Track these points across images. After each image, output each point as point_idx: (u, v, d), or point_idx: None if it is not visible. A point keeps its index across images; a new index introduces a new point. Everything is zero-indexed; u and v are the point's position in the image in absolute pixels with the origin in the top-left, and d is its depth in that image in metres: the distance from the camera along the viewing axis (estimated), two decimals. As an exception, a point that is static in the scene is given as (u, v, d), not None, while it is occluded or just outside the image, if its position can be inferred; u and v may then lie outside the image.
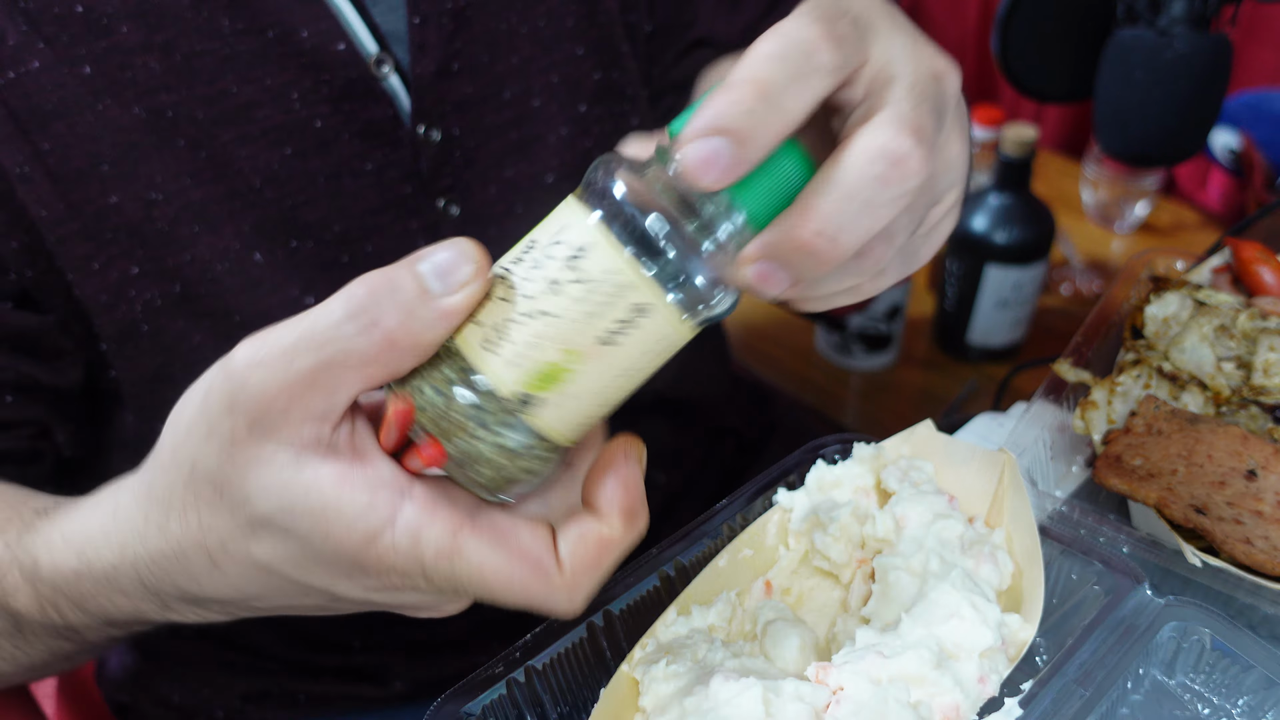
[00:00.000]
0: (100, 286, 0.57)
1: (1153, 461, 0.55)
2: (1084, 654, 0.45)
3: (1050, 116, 1.53)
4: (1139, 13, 0.74)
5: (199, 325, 0.60)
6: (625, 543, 0.37)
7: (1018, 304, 1.10)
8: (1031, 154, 1.02)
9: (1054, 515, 0.56)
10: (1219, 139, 1.24)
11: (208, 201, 0.57)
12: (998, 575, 0.49)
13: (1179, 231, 1.32)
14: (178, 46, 0.55)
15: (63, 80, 0.53)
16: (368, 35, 0.59)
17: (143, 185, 0.56)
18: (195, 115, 0.56)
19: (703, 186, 0.33)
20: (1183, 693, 0.48)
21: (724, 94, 0.32)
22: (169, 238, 0.57)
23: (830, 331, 1.18)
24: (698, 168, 0.32)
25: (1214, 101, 0.76)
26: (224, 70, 0.56)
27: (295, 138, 0.58)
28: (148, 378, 0.61)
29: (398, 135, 0.61)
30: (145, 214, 0.56)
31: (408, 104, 0.61)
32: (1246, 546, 0.51)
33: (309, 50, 0.57)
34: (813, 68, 0.33)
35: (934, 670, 0.43)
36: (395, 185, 0.62)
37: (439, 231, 0.65)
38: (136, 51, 0.54)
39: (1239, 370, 0.62)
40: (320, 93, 0.58)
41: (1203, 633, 0.47)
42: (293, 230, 0.60)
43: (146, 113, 0.55)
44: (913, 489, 0.52)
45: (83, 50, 0.54)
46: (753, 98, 0.32)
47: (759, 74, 0.32)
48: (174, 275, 0.58)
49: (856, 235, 0.34)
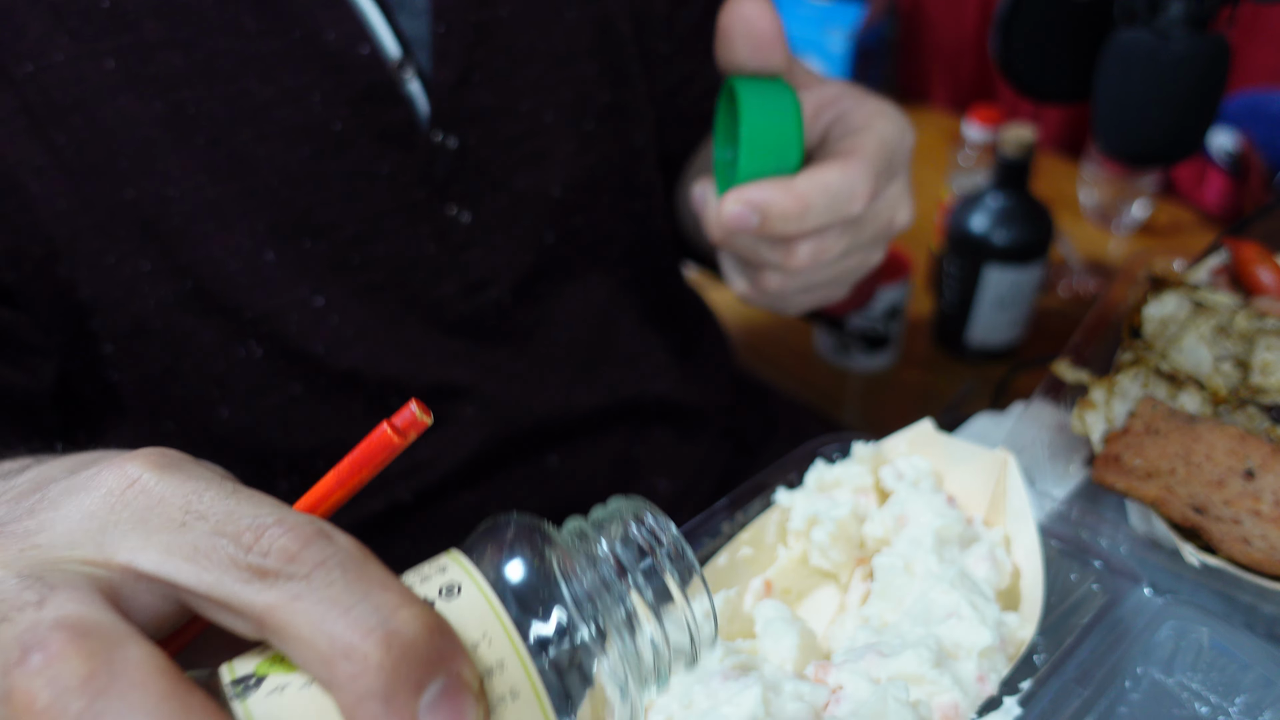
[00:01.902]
0: (113, 282, 0.57)
1: (1151, 461, 0.56)
2: (1083, 653, 0.45)
3: (1049, 117, 1.53)
4: (1137, 13, 0.74)
5: (208, 323, 0.60)
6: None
7: (1016, 304, 1.10)
8: (1030, 154, 1.02)
9: (1052, 515, 0.56)
10: (1217, 139, 1.24)
11: (223, 199, 0.57)
12: (996, 574, 0.49)
13: (1177, 232, 1.32)
14: (201, 44, 0.55)
15: (84, 74, 0.53)
16: (391, 40, 0.59)
17: (159, 182, 0.56)
18: (215, 113, 0.56)
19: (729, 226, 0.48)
20: (1181, 692, 0.48)
21: (780, 191, 0.48)
22: (183, 235, 0.57)
23: (829, 332, 1.18)
24: (731, 220, 0.48)
25: (1212, 102, 0.76)
26: (246, 70, 0.56)
27: (313, 139, 0.59)
28: (156, 376, 0.60)
29: (414, 140, 0.62)
30: (160, 210, 0.56)
31: (426, 110, 0.62)
32: (1244, 546, 0.51)
33: (333, 52, 0.57)
34: (842, 215, 0.49)
35: (933, 669, 0.43)
36: (409, 190, 0.63)
37: (448, 237, 0.65)
38: (160, 47, 0.54)
39: (1237, 370, 0.62)
40: (341, 95, 0.58)
41: (1201, 632, 0.47)
42: (306, 230, 0.60)
43: (167, 109, 0.55)
44: (912, 488, 0.52)
45: (106, 44, 0.53)
46: (793, 208, 0.48)
47: (807, 196, 0.48)
48: (186, 272, 0.58)
49: (813, 219, 0.48)
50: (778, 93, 0.48)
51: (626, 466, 0.80)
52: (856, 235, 0.52)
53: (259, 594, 0.24)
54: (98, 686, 0.22)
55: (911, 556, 0.49)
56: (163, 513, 0.26)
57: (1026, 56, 0.85)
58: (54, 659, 0.23)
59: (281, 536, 0.25)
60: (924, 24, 1.63)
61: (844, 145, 0.50)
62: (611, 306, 0.76)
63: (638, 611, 0.29)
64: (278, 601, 0.24)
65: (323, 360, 0.63)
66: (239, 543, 0.25)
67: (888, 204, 0.53)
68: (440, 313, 0.67)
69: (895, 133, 0.52)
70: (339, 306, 0.63)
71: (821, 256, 0.51)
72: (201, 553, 0.25)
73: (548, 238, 0.70)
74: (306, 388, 0.64)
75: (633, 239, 0.74)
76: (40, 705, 0.22)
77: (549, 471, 0.76)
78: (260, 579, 0.24)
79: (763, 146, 0.47)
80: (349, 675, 0.23)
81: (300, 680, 0.25)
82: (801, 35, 1.53)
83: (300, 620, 0.24)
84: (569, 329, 0.74)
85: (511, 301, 0.70)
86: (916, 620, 0.46)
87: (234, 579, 0.25)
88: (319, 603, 0.24)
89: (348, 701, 0.23)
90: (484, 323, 0.69)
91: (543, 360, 0.73)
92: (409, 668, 0.23)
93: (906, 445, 0.56)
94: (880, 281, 1.11)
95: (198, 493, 0.27)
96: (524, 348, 0.72)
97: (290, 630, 0.24)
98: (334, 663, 0.23)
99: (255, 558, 0.25)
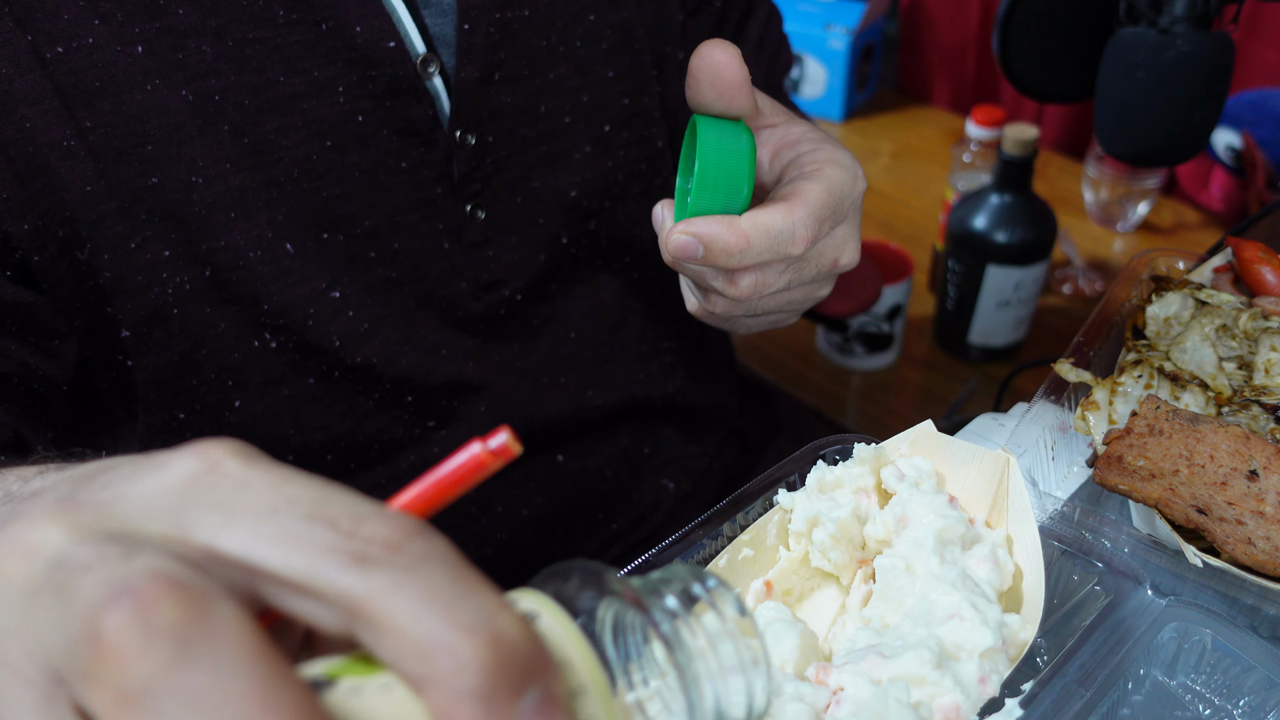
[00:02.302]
0: (135, 268, 0.57)
1: (1154, 462, 0.55)
2: (1085, 654, 0.45)
3: (1051, 116, 1.53)
4: (1140, 12, 0.74)
5: (226, 313, 0.60)
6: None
7: (1019, 304, 1.10)
8: (1032, 154, 1.02)
9: (1055, 515, 0.56)
10: (1220, 138, 1.23)
11: (246, 189, 0.58)
12: (998, 576, 0.49)
13: (1180, 231, 1.32)
14: (231, 33, 0.55)
15: (114, 58, 0.54)
16: (418, 36, 0.60)
17: (184, 168, 0.56)
18: (242, 102, 0.56)
19: (675, 254, 0.51)
20: (1184, 693, 0.48)
21: (724, 228, 0.50)
22: (205, 223, 0.57)
23: (831, 332, 1.18)
24: (677, 249, 0.51)
25: (1216, 101, 0.76)
26: (274, 60, 0.57)
27: (336, 131, 0.59)
28: (172, 364, 0.61)
29: (434, 137, 0.62)
30: (184, 197, 0.57)
31: (448, 107, 0.62)
32: (1248, 547, 0.51)
33: (360, 46, 0.58)
34: (782, 254, 0.52)
35: (934, 671, 0.42)
36: (427, 186, 0.63)
37: (463, 235, 0.65)
38: (190, 35, 0.55)
39: (1240, 370, 0.62)
40: (365, 88, 0.59)
41: (1204, 633, 0.47)
42: (325, 223, 0.61)
43: (194, 96, 0.55)
44: (913, 489, 0.52)
45: (137, 29, 0.54)
46: (734, 245, 0.50)
47: (749, 235, 0.50)
48: (206, 260, 0.58)
49: (752, 256, 0.51)
50: (735, 136, 0.51)
51: (633, 466, 0.80)
52: (799, 272, 0.55)
53: (356, 582, 0.23)
54: (190, 635, 0.21)
55: (913, 557, 0.48)
56: (249, 496, 0.25)
57: (1028, 56, 0.84)
58: (146, 603, 0.21)
59: (383, 526, 0.24)
60: (925, 23, 1.63)
61: (791, 189, 0.53)
62: (621, 307, 0.76)
63: (704, 672, 0.29)
64: (377, 590, 0.23)
65: (338, 354, 0.64)
66: (336, 528, 0.24)
67: (833, 245, 0.56)
68: (454, 310, 0.67)
69: (846, 180, 0.55)
70: (355, 300, 0.63)
71: (762, 289, 0.54)
72: (293, 537, 0.24)
73: (562, 238, 0.70)
74: (320, 381, 0.65)
75: (645, 242, 0.75)
76: (129, 650, 0.21)
77: (556, 470, 0.76)
78: (359, 566, 0.23)
79: (714, 184, 0.51)
80: (448, 671, 0.22)
81: (378, 683, 0.24)
82: (802, 35, 1.53)
83: (401, 612, 0.22)
84: (580, 329, 0.74)
85: (524, 300, 0.70)
86: (918, 621, 0.45)
87: (330, 565, 0.23)
88: (422, 595, 0.23)
89: (442, 700, 0.22)
90: (496, 321, 0.70)
91: (553, 359, 0.73)
92: (510, 671, 0.23)
93: (908, 446, 0.56)
94: (883, 283, 1.11)
95: (286, 480, 0.25)
96: (534, 346, 0.72)
97: (388, 621, 0.23)
98: (434, 657, 0.22)
99: (357, 544, 0.23)
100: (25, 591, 0.23)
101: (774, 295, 0.56)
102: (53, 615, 0.22)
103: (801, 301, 0.59)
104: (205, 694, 0.20)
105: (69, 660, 0.22)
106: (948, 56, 1.62)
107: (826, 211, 0.53)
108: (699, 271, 0.54)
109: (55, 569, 0.23)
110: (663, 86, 0.73)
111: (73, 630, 0.21)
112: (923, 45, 1.65)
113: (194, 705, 0.20)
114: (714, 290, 0.55)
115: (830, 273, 0.57)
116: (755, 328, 0.63)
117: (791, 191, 0.53)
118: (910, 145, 1.54)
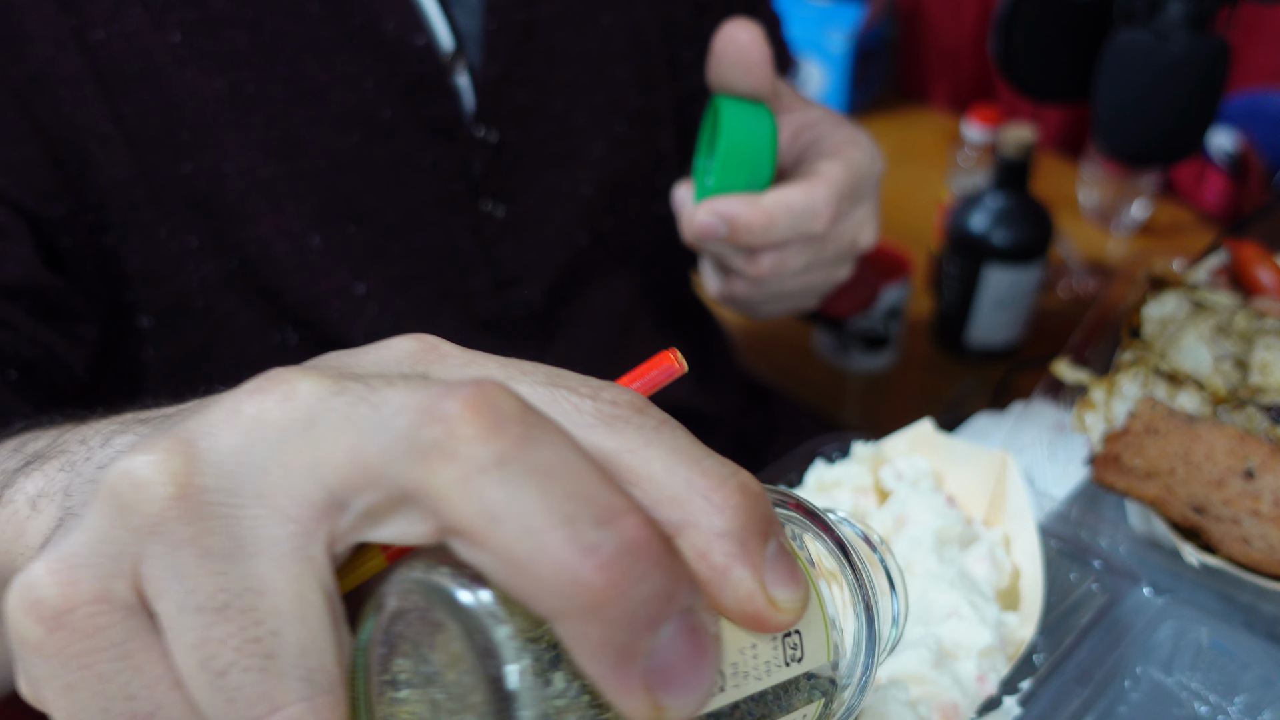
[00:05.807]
0: (161, 256, 0.57)
1: (1151, 461, 0.56)
2: (1082, 653, 0.45)
3: (1049, 117, 1.53)
4: (1137, 14, 0.74)
5: (249, 304, 0.60)
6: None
7: (1016, 304, 1.10)
8: (1030, 154, 1.02)
9: (1052, 514, 0.56)
10: (1216, 140, 1.24)
11: (274, 180, 0.58)
12: (996, 574, 0.49)
13: (1177, 232, 1.32)
14: (266, 24, 0.56)
15: (152, 45, 0.54)
16: (447, 33, 0.60)
17: (215, 158, 0.56)
18: (273, 94, 0.57)
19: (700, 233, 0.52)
20: (1180, 691, 0.48)
21: (748, 206, 0.51)
22: (234, 213, 0.57)
23: (829, 332, 1.18)
24: (702, 228, 0.52)
25: (1212, 103, 0.76)
26: (305, 52, 0.57)
27: (363, 125, 0.59)
28: (190, 354, 0.61)
29: (457, 133, 0.62)
30: (214, 187, 0.57)
31: (471, 104, 0.63)
32: (1244, 546, 0.51)
33: (390, 41, 0.58)
34: (804, 232, 0.52)
35: (933, 669, 0.43)
36: (448, 181, 0.63)
37: (482, 231, 0.66)
38: (226, 24, 0.55)
39: (1236, 370, 0.62)
40: (393, 83, 0.59)
41: (1200, 632, 0.47)
42: (349, 216, 0.61)
43: (227, 86, 0.56)
44: (911, 488, 0.52)
45: (175, 17, 0.54)
46: (758, 222, 0.51)
47: (772, 212, 0.51)
48: (233, 251, 0.58)
49: (776, 233, 0.51)
50: (757, 115, 0.52)
51: None
52: (819, 252, 0.55)
53: (608, 438, 0.24)
54: (531, 420, 0.22)
55: (911, 556, 0.49)
56: (480, 366, 0.25)
57: (1026, 56, 0.85)
58: (489, 389, 0.22)
59: (622, 394, 0.24)
60: (924, 24, 1.63)
61: (813, 168, 0.54)
62: (631, 310, 0.77)
63: (872, 579, 0.30)
64: (629, 444, 0.24)
65: None
66: (579, 392, 0.24)
67: (852, 225, 0.57)
68: (472, 308, 0.68)
69: (865, 160, 0.56)
70: (378, 296, 0.63)
71: (783, 268, 0.54)
72: (540, 400, 0.24)
73: (580, 239, 0.71)
74: None
75: (655, 243, 0.75)
76: (485, 426, 0.21)
77: None
78: (606, 424, 0.24)
79: (738, 163, 0.52)
80: (705, 512, 0.23)
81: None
82: (802, 35, 1.53)
83: (655, 463, 0.23)
84: (593, 331, 0.75)
85: (540, 300, 0.70)
86: (916, 620, 0.46)
87: (578, 422, 0.24)
88: (672, 449, 0.24)
89: (700, 541, 0.23)
90: (513, 321, 0.70)
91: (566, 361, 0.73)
92: (760, 516, 0.24)
93: (906, 445, 0.56)
94: (881, 283, 1.11)
95: (509, 358, 0.26)
96: (549, 347, 0.73)
97: (642, 471, 0.23)
98: (690, 502, 0.23)
99: (605, 405, 0.24)
100: (293, 425, 0.23)
101: (794, 277, 0.56)
102: (353, 429, 0.22)
103: (820, 284, 0.60)
104: (556, 468, 0.21)
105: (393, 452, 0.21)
106: (946, 58, 1.63)
107: (847, 190, 0.54)
108: (720, 251, 0.54)
109: (335, 395, 0.23)
110: (673, 88, 0.73)
111: (401, 424, 0.22)
112: (921, 47, 1.65)
113: (548, 477, 0.21)
114: (734, 271, 0.55)
115: (849, 253, 0.58)
116: (774, 313, 0.63)
117: (812, 170, 0.54)
118: (908, 147, 1.54)
